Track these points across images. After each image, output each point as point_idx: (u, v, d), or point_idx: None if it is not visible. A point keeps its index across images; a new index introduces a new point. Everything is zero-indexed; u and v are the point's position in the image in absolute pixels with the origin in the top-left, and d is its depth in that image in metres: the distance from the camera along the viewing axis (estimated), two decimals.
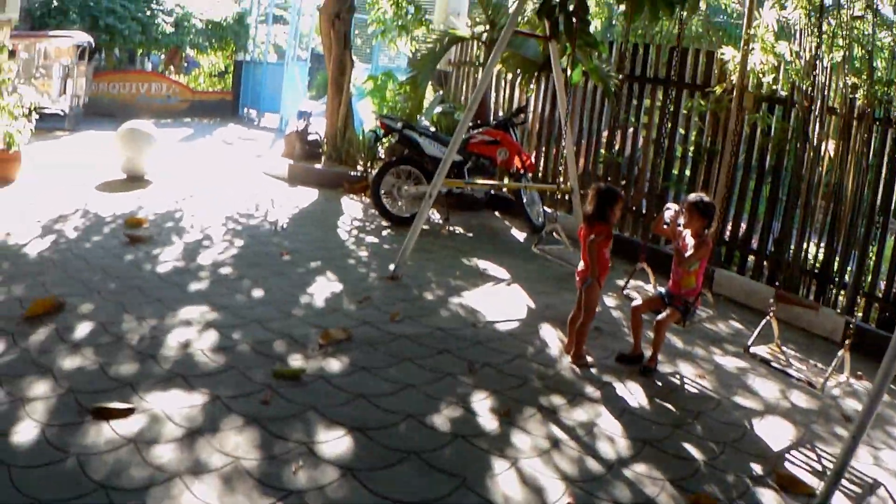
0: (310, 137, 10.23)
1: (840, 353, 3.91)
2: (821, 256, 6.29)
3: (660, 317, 4.39)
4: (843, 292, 6.05)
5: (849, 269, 5.99)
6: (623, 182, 8.08)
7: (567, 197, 8.27)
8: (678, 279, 4.43)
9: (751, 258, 6.84)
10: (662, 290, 4.58)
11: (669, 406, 4.01)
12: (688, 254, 4.29)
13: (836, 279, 6.10)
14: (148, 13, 16.67)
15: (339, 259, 6.14)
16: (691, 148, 7.38)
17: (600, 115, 8.42)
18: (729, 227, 6.99)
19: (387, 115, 9.44)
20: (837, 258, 6.09)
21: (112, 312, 4.37)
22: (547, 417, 3.68)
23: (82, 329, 4.09)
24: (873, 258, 5.88)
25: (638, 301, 4.54)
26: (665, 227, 4.50)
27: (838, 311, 5.90)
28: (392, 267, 5.78)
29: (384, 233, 7.32)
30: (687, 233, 4.41)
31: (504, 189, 8.66)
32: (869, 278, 5.96)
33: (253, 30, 19.36)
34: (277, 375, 3.76)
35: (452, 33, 9.51)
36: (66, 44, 12.97)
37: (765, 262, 6.64)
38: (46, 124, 12.36)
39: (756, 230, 6.81)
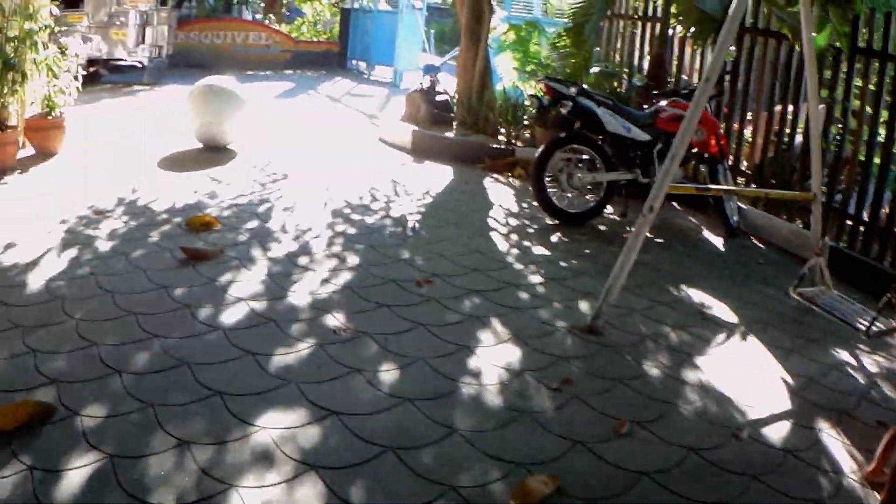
0: (438, 98, 8.16)
1: None
2: None
3: None
4: None
5: None
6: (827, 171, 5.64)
7: (780, 203, 5.84)
8: None
9: None
10: None
11: None
12: None
13: None
14: None
15: (502, 290, 3.95)
16: None
17: (797, 88, 5.96)
18: None
19: (553, 76, 7.17)
20: None
21: (134, 435, 2.39)
22: None
23: (77, 456, 2.23)
24: None
25: None
26: None
27: None
28: (589, 312, 3.68)
29: (554, 238, 5.12)
30: None
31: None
32: None
33: None
34: None
35: None
36: None
37: None
38: (123, 77, 10.86)
39: None
